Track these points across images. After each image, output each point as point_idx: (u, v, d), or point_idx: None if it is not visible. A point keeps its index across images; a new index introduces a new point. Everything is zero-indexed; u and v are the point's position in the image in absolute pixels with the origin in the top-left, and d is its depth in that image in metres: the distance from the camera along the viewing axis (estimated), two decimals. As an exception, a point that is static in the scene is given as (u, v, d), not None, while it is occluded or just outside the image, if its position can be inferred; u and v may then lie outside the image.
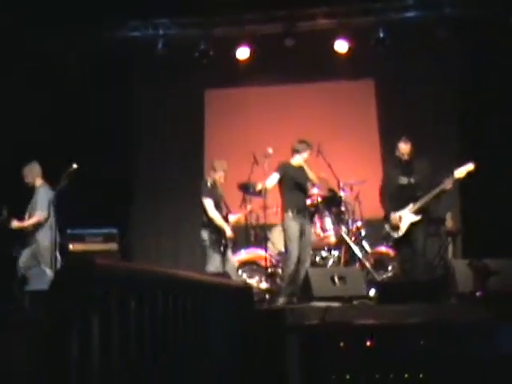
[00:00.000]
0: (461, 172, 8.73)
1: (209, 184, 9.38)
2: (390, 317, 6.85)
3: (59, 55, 11.31)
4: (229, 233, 9.17)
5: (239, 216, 9.82)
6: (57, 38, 11.18)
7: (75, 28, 11.10)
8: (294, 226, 9.09)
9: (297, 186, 9.28)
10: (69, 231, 10.12)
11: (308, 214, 9.42)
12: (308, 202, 9.67)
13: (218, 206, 9.28)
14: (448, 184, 8.83)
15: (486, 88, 10.98)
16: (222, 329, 4.44)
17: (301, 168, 9.29)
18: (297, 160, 9.32)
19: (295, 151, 9.34)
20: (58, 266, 8.86)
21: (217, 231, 9.15)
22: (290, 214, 9.14)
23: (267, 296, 9.20)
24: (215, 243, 9.13)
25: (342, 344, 6.09)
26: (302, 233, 9.14)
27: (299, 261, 9.08)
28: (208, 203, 9.22)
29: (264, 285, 9.59)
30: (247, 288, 5.08)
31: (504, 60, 10.76)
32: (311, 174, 9.24)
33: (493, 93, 10.88)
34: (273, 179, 9.27)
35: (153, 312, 3.33)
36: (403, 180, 9.20)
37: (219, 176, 9.37)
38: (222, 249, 9.15)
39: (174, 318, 3.59)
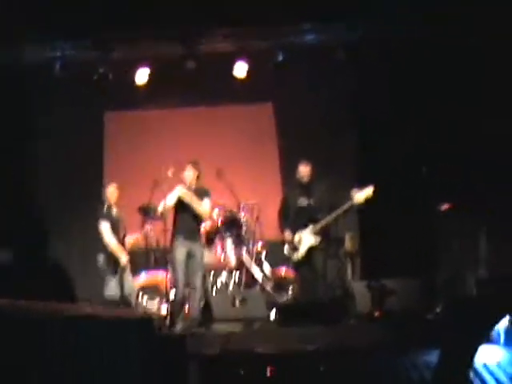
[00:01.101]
0: (360, 196, 8.89)
1: (105, 207, 9.34)
2: (290, 342, 6.90)
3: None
4: (123, 259, 9.11)
5: (136, 237, 9.75)
6: None
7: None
8: (179, 251, 8.95)
9: (185, 209, 9.11)
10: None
11: (199, 236, 9.32)
12: (205, 224, 9.70)
13: (114, 229, 9.22)
14: (347, 207, 8.99)
15: (382, 110, 11.18)
16: (121, 360, 4.38)
17: (195, 191, 9.18)
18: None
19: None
20: None
21: (113, 255, 9.07)
22: (176, 238, 9.02)
23: (167, 321, 9.11)
24: (112, 267, 9.06)
25: (242, 372, 6.08)
26: (189, 256, 9.04)
27: (188, 284, 9.05)
28: (104, 227, 9.18)
29: (164, 309, 9.48)
30: (146, 317, 5.02)
31: (401, 82, 11.01)
32: (196, 205, 9.10)
33: (389, 114, 11.09)
34: (173, 195, 9.06)
35: (48, 348, 3.27)
36: (303, 202, 9.33)
37: (112, 196, 9.38)
38: (118, 272, 9.08)
39: (71, 353, 3.53)
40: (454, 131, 10.27)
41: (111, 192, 9.48)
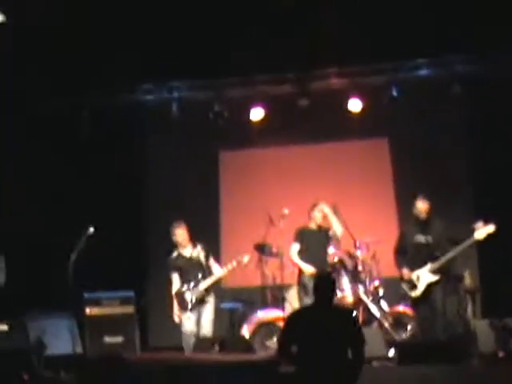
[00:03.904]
0: (481, 233, 8.68)
1: (173, 256, 9.45)
2: (410, 382, 6.73)
3: (72, 115, 11.35)
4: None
5: (224, 271, 9.56)
6: (70, 97, 11.25)
7: (88, 89, 11.17)
8: (310, 284, 9.02)
9: (313, 247, 9.39)
10: (86, 295, 10.05)
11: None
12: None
13: (188, 272, 9.27)
14: (467, 244, 8.78)
15: (500, 145, 10.93)
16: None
17: (318, 229, 9.55)
18: (312, 222, 9.61)
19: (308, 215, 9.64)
20: None
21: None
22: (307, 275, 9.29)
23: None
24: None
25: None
26: None
27: None
28: (174, 278, 9.35)
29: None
30: (269, 360, 5.00)
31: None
32: (335, 225, 9.55)
33: (507, 150, 10.83)
34: (294, 249, 9.56)
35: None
36: (421, 239, 9.14)
37: (181, 238, 9.36)
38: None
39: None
40: None
41: (180, 234, 9.37)
